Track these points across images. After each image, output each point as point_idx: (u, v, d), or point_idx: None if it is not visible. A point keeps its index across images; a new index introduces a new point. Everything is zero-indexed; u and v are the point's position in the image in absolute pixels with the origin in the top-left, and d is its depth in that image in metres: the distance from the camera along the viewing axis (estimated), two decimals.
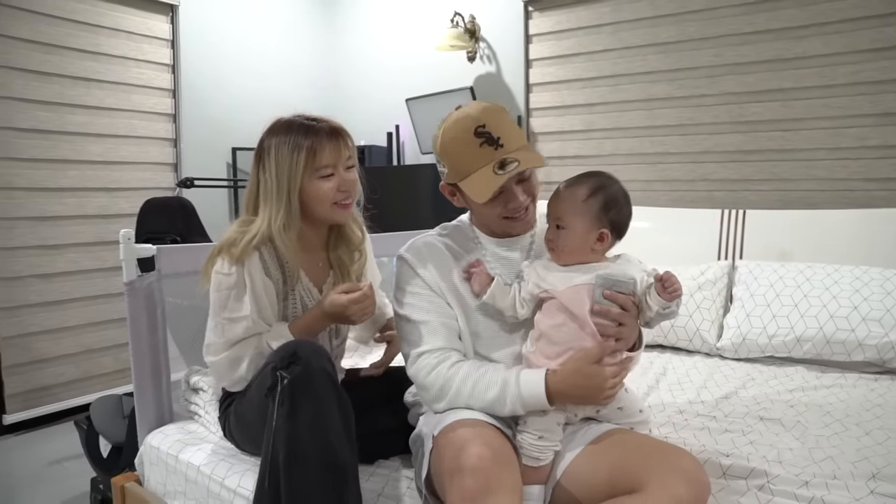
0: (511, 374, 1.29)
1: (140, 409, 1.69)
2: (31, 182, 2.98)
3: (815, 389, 2.01)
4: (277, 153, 1.44)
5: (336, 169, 1.47)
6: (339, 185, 1.47)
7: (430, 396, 1.33)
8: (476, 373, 1.30)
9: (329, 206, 1.47)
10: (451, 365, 1.33)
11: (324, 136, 1.46)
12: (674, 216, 2.99)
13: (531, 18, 3.55)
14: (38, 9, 2.98)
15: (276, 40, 4.07)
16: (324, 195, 1.46)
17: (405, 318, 1.41)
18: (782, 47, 2.87)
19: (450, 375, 1.31)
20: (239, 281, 1.40)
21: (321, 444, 1.20)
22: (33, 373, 3.00)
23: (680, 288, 1.30)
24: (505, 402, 1.27)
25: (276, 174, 1.44)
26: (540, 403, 1.26)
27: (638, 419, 1.41)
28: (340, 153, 1.48)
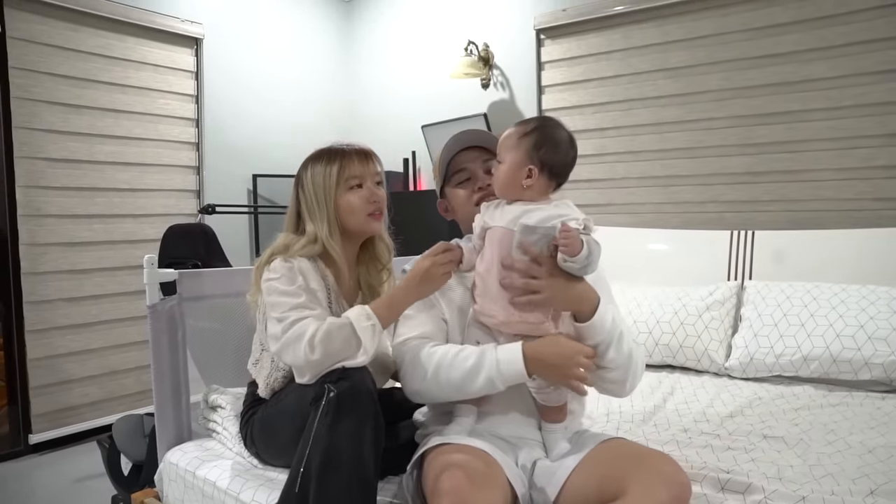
0: (489, 346, 1.36)
1: (160, 427, 1.76)
2: (61, 209, 3.11)
3: (821, 408, 2.03)
4: (313, 173, 1.59)
5: (364, 181, 1.59)
6: (369, 196, 1.58)
7: (413, 376, 1.40)
8: (454, 349, 1.39)
9: (363, 218, 1.58)
10: (434, 344, 1.42)
11: (352, 153, 1.60)
12: (684, 238, 3.03)
13: (543, 46, 3.64)
14: (73, 46, 3.14)
15: (294, 71, 4.20)
16: (356, 206, 1.57)
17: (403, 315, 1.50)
18: (789, 71, 2.92)
19: (432, 351, 1.40)
20: (293, 276, 1.48)
21: (357, 456, 1.27)
22: (60, 393, 3.10)
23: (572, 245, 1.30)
24: (481, 369, 1.33)
25: (314, 191, 1.57)
26: (517, 370, 1.32)
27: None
28: (368, 167, 1.60)
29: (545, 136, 1.42)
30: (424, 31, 4.12)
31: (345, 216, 1.59)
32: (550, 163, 1.41)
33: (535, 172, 1.40)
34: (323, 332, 1.36)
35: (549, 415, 1.43)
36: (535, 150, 1.40)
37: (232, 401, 1.82)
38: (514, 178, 1.41)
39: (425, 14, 4.12)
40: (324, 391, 1.31)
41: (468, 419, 1.42)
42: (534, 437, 1.44)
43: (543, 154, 1.40)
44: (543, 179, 1.42)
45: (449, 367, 1.36)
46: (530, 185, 1.41)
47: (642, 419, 1.98)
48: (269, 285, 1.48)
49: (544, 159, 1.40)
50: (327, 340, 1.35)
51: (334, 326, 1.38)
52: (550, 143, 1.41)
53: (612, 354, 1.36)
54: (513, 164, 1.41)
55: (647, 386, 2.33)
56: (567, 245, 1.30)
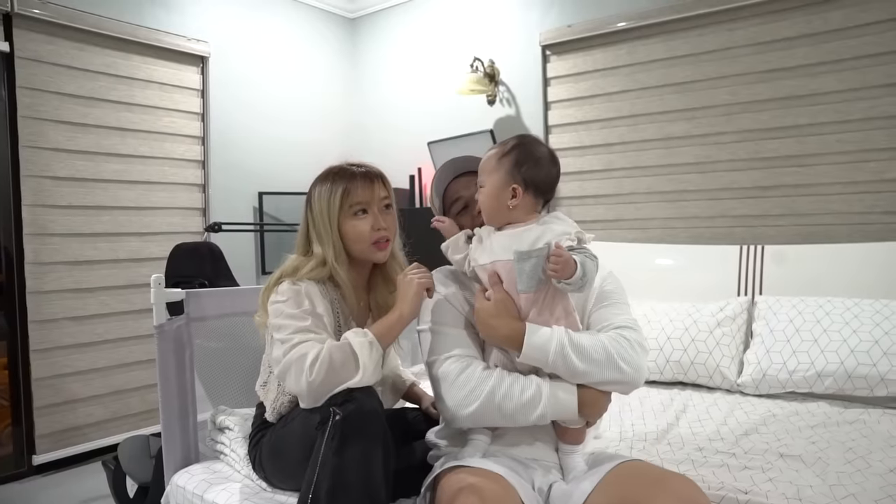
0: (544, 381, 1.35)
1: (167, 448, 1.73)
2: (67, 228, 3.10)
3: (837, 425, 2.00)
4: (319, 195, 1.55)
5: (370, 207, 1.54)
6: (374, 224, 1.54)
7: (459, 398, 1.36)
8: (509, 377, 1.36)
9: (367, 246, 1.55)
10: (484, 368, 1.38)
11: (358, 177, 1.55)
12: (693, 253, 3.00)
13: (549, 62, 3.64)
14: (80, 65, 3.14)
15: (300, 88, 4.20)
16: (360, 234, 1.53)
17: (432, 331, 1.47)
18: (797, 85, 2.91)
19: (485, 376, 1.36)
20: (300, 299, 1.45)
21: (365, 481, 1.25)
22: (64, 413, 3.07)
23: (563, 268, 1.28)
24: (538, 404, 1.32)
25: (320, 213, 1.54)
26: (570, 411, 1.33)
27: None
28: (374, 192, 1.55)
29: (525, 154, 1.41)
30: (430, 47, 4.13)
31: (349, 242, 1.56)
32: (534, 180, 1.40)
33: (520, 191, 1.39)
34: (322, 356, 1.33)
35: (567, 436, 1.40)
36: (516, 169, 1.40)
37: (240, 422, 1.79)
38: (498, 200, 1.40)
39: (431, 30, 4.13)
40: (329, 414, 1.29)
41: (483, 440, 1.40)
42: (550, 460, 1.42)
43: (525, 171, 1.40)
44: (529, 198, 1.41)
45: (504, 397, 1.34)
46: (516, 204, 1.39)
47: (656, 438, 1.95)
48: (276, 308, 1.46)
49: (527, 176, 1.40)
50: (326, 363, 1.32)
51: (333, 348, 1.35)
52: (531, 159, 1.41)
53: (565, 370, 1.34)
54: (495, 186, 1.41)
55: (660, 403, 2.31)
56: (557, 270, 1.28)
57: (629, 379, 1.36)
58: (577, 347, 1.33)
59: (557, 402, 1.33)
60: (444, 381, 1.40)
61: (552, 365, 1.33)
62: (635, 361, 1.36)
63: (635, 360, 1.36)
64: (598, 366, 1.33)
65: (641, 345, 1.40)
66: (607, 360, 1.34)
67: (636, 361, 1.36)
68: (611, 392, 1.40)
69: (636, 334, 1.41)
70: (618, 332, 1.40)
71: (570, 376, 1.34)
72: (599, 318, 1.46)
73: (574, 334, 1.35)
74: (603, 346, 1.35)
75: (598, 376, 1.34)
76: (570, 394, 1.34)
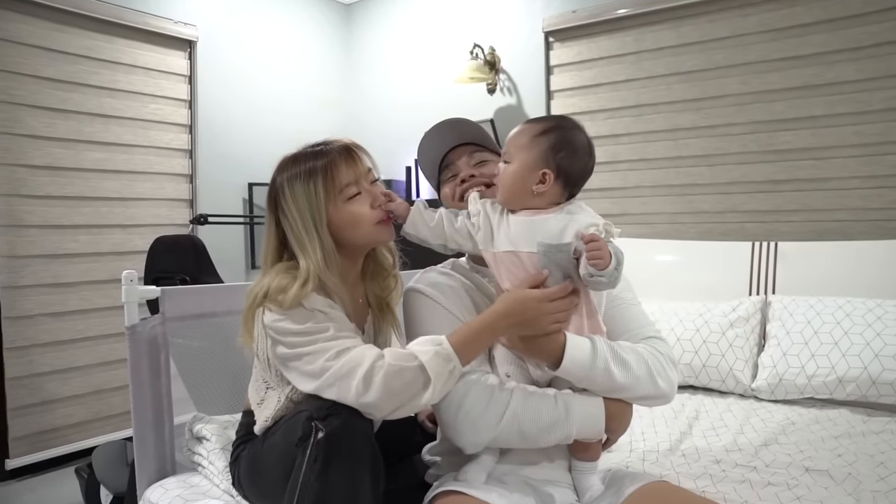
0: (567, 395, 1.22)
1: (140, 460, 1.59)
2: (44, 219, 2.95)
3: (863, 436, 1.87)
4: (292, 189, 1.30)
5: (360, 185, 1.33)
6: (372, 201, 1.33)
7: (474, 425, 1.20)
8: (530, 396, 1.21)
9: (371, 227, 1.33)
10: (500, 385, 1.22)
11: (335, 154, 1.32)
12: (702, 249, 2.87)
13: (552, 49, 3.49)
14: (59, 48, 2.99)
15: (292, 75, 4.05)
16: (360, 217, 1.31)
17: None
18: (813, 74, 2.77)
19: (501, 398, 1.20)
20: (304, 313, 1.24)
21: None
22: (41, 414, 2.92)
23: (603, 258, 1.13)
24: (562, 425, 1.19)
25: (299, 214, 1.29)
26: (597, 430, 1.22)
27: None
28: (358, 167, 1.34)
29: (564, 139, 1.24)
30: (428, 34, 3.98)
31: (348, 231, 1.32)
32: (568, 169, 1.24)
33: (550, 177, 1.22)
34: (383, 370, 1.13)
35: (580, 451, 1.26)
36: (551, 153, 1.23)
37: (218, 431, 1.64)
38: (524, 182, 1.23)
39: (429, 17, 3.98)
40: (311, 430, 1.13)
41: (488, 459, 1.25)
42: (564, 480, 1.28)
43: (561, 158, 1.23)
44: (557, 187, 1.24)
45: (526, 419, 1.19)
46: (542, 191, 1.23)
47: (669, 448, 1.82)
48: (279, 327, 1.24)
49: (561, 164, 1.23)
50: (388, 381, 1.12)
51: (395, 368, 1.13)
52: (569, 146, 1.24)
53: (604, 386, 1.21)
54: (524, 165, 1.24)
55: (670, 409, 2.17)
56: (597, 259, 1.12)
57: (664, 395, 1.26)
58: (622, 363, 1.21)
59: (585, 419, 1.20)
60: (451, 406, 1.21)
61: (591, 381, 1.20)
62: (671, 378, 1.28)
63: (671, 377, 1.28)
64: (638, 382, 1.22)
65: (672, 359, 1.31)
66: (648, 377, 1.23)
67: (671, 378, 1.28)
68: (632, 404, 1.27)
69: (667, 347, 1.31)
70: (651, 344, 1.29)
71: (605, 391, 1.22)
72: (619, 321, 1.33)
73: (615, 347, 1.22)
74: (645, 362, 1.24)
75: (637, 392, 1.22)
76: (597, 408, 1.21)
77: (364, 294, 1.48)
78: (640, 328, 1.33)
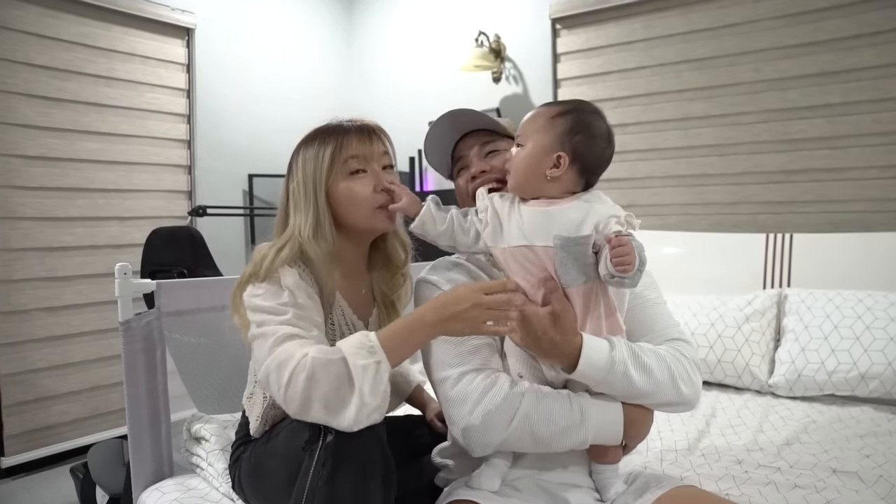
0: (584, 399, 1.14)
1: (136, 462, 1.52)
2: (38, 212, 2.87)
3: (889, 435, 1.80)
4: (304, 153, 1.28)
5: (368, 165, 1.27)
6: (376, 184, 1.26)
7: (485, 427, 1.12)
8: (543, 397, 1.13)
9: (369, 211, 1.26)
10: (511, 385, 1.14)
11: (352, 131, 1.28)
12: (714, 241, 2.79)
13: (559, 37, 3.41)
14: (54, 35, 2.90)
15: (293, 64, 3.97)
16: (359, 197, 1.25)
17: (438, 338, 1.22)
18: (828, 60, 2.69)
19: (513, 398, 1.12)
20: (276, 290, 1.17)
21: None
22: (36, 412, 2.85)
23: (630, 262, 1.04)
24: (577, 430, 1.12)
25: (303, 177, 1.26)
26: (614, 436, 1.14)
27: None
28: (372, 147, 1.28)
29: (583, 123, 1.16)
30: (432, 21, 3.89)
31: (345, 209, 1.26)
32: (584, 155, 1.16)
33: (565, 161, 1.14)
34: (310, 363, 1.03)
35: (598, 455, 1.19)
36: (568, 136, 1.15)
37: (217, 431, 1.57)
38: (538, 165, 1.16)
39: (432, 3, 3.89)
40: (319, 433, 1.06)
41: (502, 464, 1.18)
42: (584, 484, 1.20)
43: (578, 142, 1.15)
44: (572, 173, 1.16)
45: (539, 422, 1.11)
46: (556, 175, 1.15)
47: (687, 448, 1.75)
48: (251, 302, 1.18)
49: (578, 148, 1.15)
50: (311, 382, 1.02)
51: (321, 361, 1.03)
52: (587, 131, 1.16)
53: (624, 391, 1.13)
54: (538, 148, 1.16)
55: None
56: (624, 264, 1.03)
57: (687, 401, 1.18)
58: (642, 367, 1.12)
59: (602, 426, 1.12)
60: (462, 405, 1.14)
61: (609, 385, 1.11)
62: (695, 384, 1.20)
63: (695, 383, 1.20)
64: (660, 388, 1.14)
65: (697, 364, 1.22)
66: (671, 382, 1.15)
67: (696, 384, 1.20)
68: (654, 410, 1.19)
69: (692, 350, 1.23)
70: (675, 347, 1.20)
71: (624, 397, 1.14)
72: (641, 321, 1.25)
73: (636, 350, 1.14)
74: (667, 366, 1.15)
75: (658, 398, 1.14)
76: (615, 415, 1.13)
77: (370, 287, 1.40)
78: (664, 329, 1.25)
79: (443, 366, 1.19)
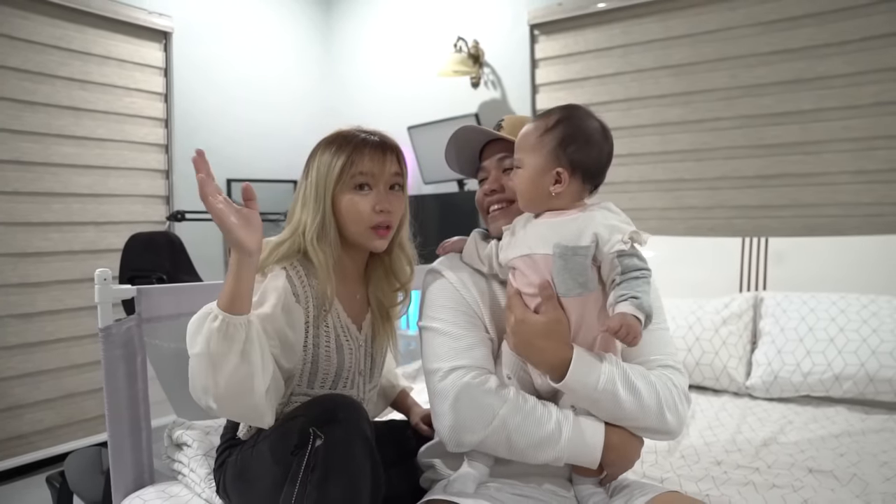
0: (567, 415, 1.13)
1: (116, 469, 1.49)
2: (10, 216, 2.82)
3: (862, 434, 1.83)
4: (320, 158, 1.30)
5: (375, 183, 1.29)
6: (375, 204, 1.27)
7: (464, 422, 1.13)
8: (524, 405, 1.13)
9: (364, 229, 1.28)
10: (498, 388, 1.15)
11: (367, 145, 1.29)
12: (691, 245, 2.83)
13: (537, 42, 3.44)
14: (25, 36, 2.86)
15: (271, 68, 3.95)
16: (358, 213, 1.27)
17: (436, 330, 1.23)
18: (802, 67, 2.75)
19: (496, 401, 1.13)
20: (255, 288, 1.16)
21: None
22: (7, 420, 2.79)
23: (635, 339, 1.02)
24: (553, 444, 1.11)
25: (316, 180, 1.28)
26: (591, 459, 1.12)
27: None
28: (383, 166, 1.29)
29: (573, 130, 1.15)
30: (410, 26, 3.90)
31: (344, 220, 1.28)
32: (583, 162, 1.15)
33: (566, 176, 1.14)
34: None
35: (581, 470, 1.19)
36: (561, 149, 1.14)
37: (199, 436, 1.56)
38: (539, 185, 1.15)
39: (411, 8, 3.90)
40: (308, 437, 1.06)
41: (480, 468, 1.18)
42: (565, 494, 1.21)
43: (573, 152, 1.14)
44: (576, 183, 1.15)
45: (516, 430, 1.11)
46: (560, 191, 1.14)
47: (667, 449, 1.77)
48: None
49: (575, 158, 1.14)
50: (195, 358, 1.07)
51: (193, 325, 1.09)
52: (580, 137, 1.15)
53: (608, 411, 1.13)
54: (536, 168, 1.15)
55: None
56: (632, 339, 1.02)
57: (670, 431, 1.16)
58: (631, 388, 1.11)
59: (579, 446, 1.11)
60: (445, 399, 1.16)
61: (594, 402, 1.11)
62: (681, 414, 1.17)
63: (681, 413, 1.18)
64: (646, 412, 1.12)
65: (687, 394, 1.21)
66: (657, 409, 1.13)
67: (681, 414, 1.18)
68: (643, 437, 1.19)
69: (683, 380, 1.22)
70: (667, 374, 1.19)
71: (609, 417, 1.13)
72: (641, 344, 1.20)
73: (627, 371, 1.13)
74: (656, 392, 1.14)
75: (641, 422, 1.14)
76: (595, 437, 1.12)
77: (365, 293, 1.41)
78: (660, 355, 1.23)
79: (435, 358, 1.21)
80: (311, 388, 1.28)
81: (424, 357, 1.25)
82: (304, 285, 1.25)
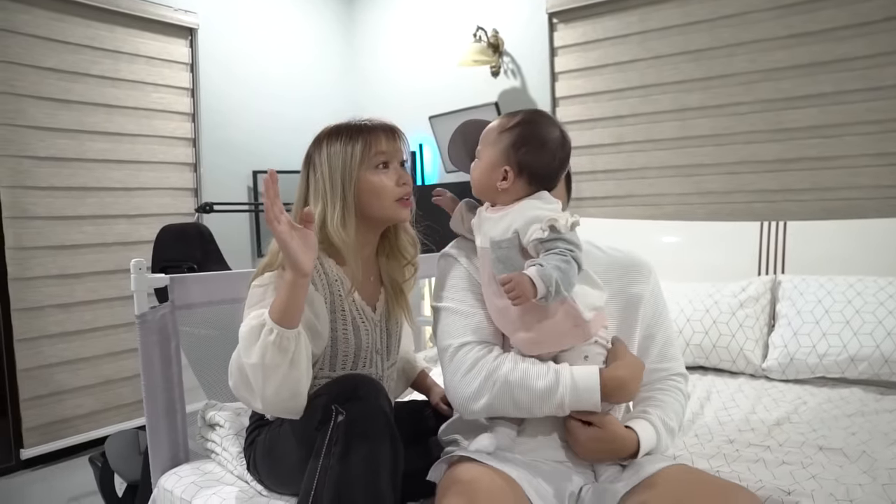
0: (563, 368, 1.21)
1: (153, 448, 1.59)
2: (49, 211, 2.94)
3: (876, 414, 1.86)
4: (329, 149, 1.38)
5: (391, 160, 1.41)
6: (398, 178, 1.40)
7: (472, 390, 1.22)
8: (522, 363, 1.22)
9: (390, 203, 1.39)
10: (497, 357, 1.24)
11: (379, 129, 1.41)
12: (710, 230, 2.85)
13: (556, 31, 3.46)
14: (60, 37, 2.96)
15: (294, 62, 4.02)
16: (385, 189, 1.38)
17: (449, 309, 1.32)
18: (821, 50, 2.73)
19: (496, 365, 1.22)
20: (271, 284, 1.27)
21: (372, 492, 1.12)
22: (52, 405, 2.92)
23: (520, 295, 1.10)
24: (553, 394, 1.18)
25: (329, 170, 1.36)
26: (592, 400, 1.19)
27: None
28: (397, 146, 1.42)
29: (529, 134, 1.23)
30: (430, 17, 3.94)
31: (368, 200, 1.38)
32: (531, 166, 1.23)
33: (512, 175, 1.23)
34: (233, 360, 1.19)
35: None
36: (513, 149, 1.23)
37: (231, 417, 1.65)
38: (489, 178, 1.26)
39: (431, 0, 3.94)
40: (331, 414, 1.13)
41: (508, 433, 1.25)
42: (582, 463, 1.27)
43: (523, 155, 1.23)
44: (521, 184, 1.24)
45: (518, 386, 1.19)
46: (505, 188, 1.24)
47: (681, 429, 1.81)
48: (252, 291, 1.30)
49: (523, 161, 1.23)
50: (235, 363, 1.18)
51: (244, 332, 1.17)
52: (534, 142, 1.23)
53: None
54: (488, 162, 1.26)
55: None
56: (515, 297, 1.10)
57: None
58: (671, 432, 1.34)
59: (578, 389, 1.18)
60: (456, 372, 1.25)
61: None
62: (683, 420, 1.43)
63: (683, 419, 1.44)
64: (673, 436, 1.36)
65: (688, 397, 1.45)
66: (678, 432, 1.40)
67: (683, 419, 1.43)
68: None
69: (687, 385, 1.44)
70: (678, 387, 1.40)
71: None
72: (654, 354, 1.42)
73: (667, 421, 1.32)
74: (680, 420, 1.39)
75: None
76: (590, 380, 1.19)
77: (378, 273, 1.50)
78: (671, 363, 1.42)
79: (447, 335, 1.30)
80: (333, 370, 1.36)
81: (437, 335, 1.34)
82: (319, 273, 1.34)
